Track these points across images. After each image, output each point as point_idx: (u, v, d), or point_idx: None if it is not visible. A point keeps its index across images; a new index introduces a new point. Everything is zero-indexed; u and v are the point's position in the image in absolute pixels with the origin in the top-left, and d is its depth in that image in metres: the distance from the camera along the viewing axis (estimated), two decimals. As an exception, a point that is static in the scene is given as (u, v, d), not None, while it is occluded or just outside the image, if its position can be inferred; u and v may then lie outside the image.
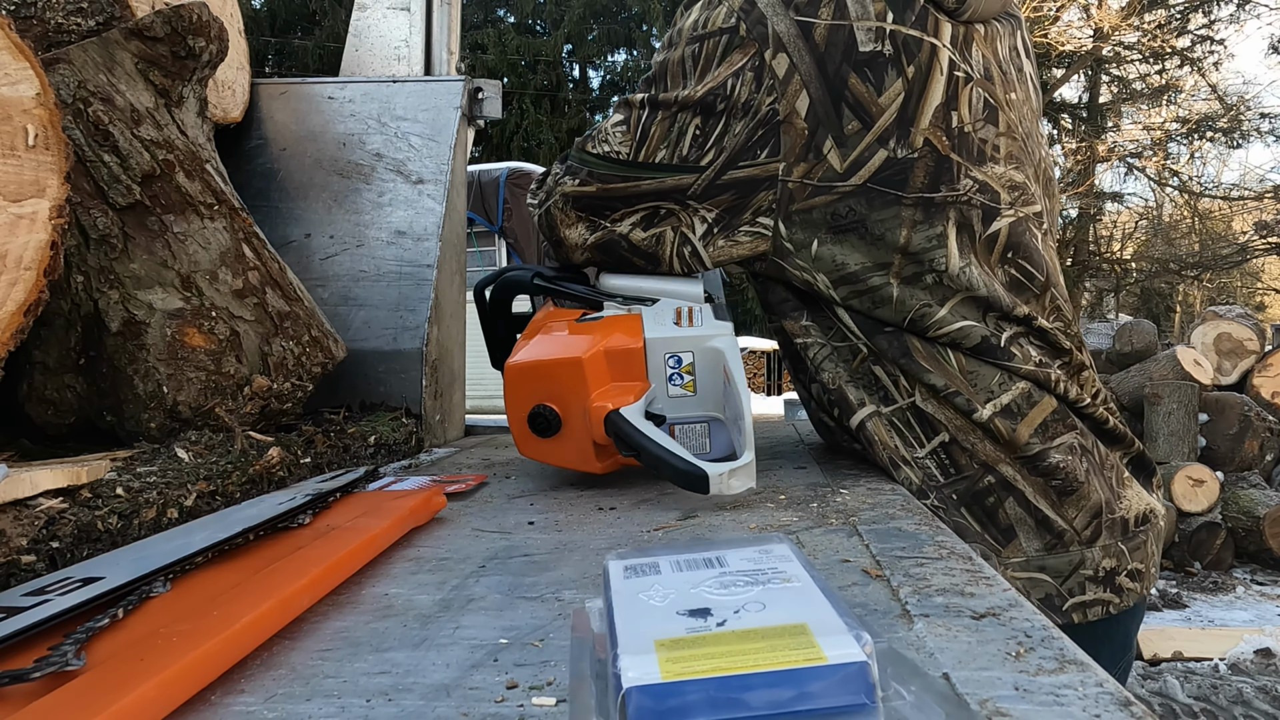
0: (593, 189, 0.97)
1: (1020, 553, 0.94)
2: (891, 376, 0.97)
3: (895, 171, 0.91)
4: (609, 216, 0.98)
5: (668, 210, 0.96)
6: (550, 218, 1.01)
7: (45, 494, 0.67)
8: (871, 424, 0.99)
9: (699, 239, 0.96)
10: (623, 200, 0.97)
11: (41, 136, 0.78)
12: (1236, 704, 2.62)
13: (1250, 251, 12.48)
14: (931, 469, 0.96)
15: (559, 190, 1.00)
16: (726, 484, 0.77)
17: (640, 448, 0.81)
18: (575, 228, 1.00)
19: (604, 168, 0.97)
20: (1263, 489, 4.18)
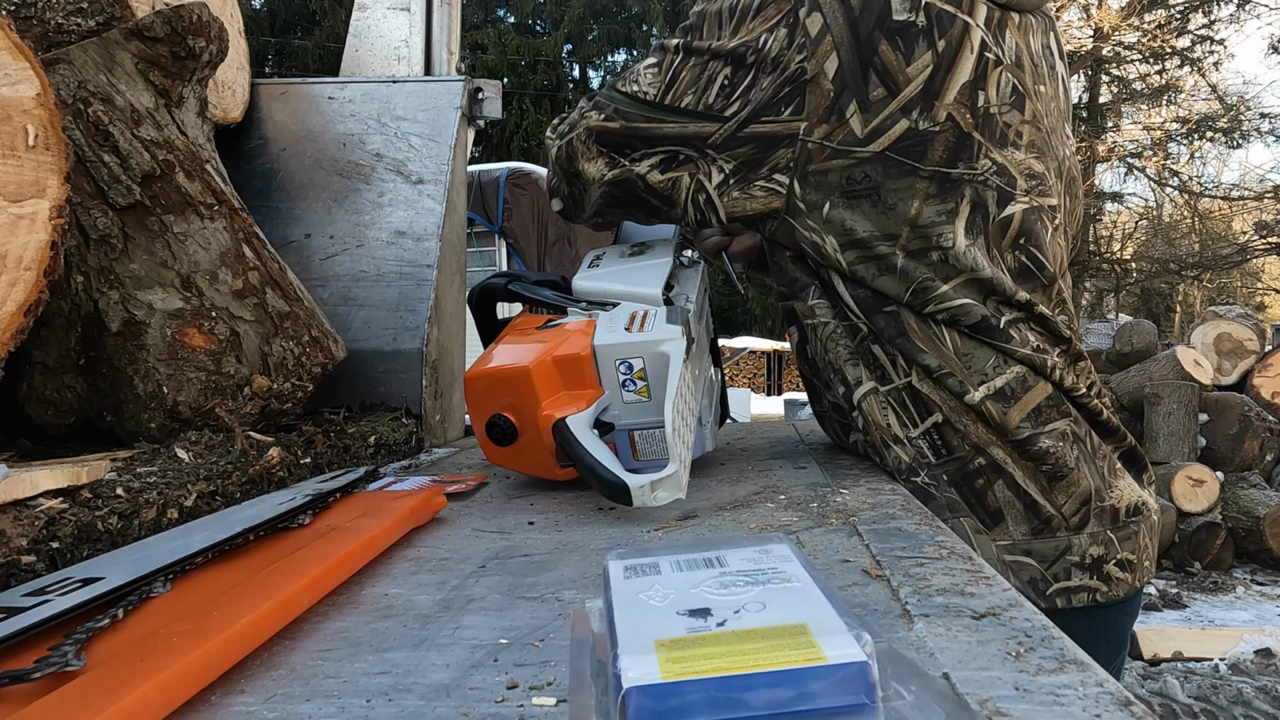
0: (616, 125, 1.01)
1: (1007, 535, 0.95)
2: (890, 356, 0.98)
3: (915, 142, 0.92)
4: (629, 155, 1.01)
5: (686, 156, 0.99)
6: (571, 149, 1.04)
7: (45, 494, 0.67)
8: (867, 402, 1.00)
9: (714, 188, 0.99)
10: (644, 140, 1.00)
11: (41, 137, 0.78)
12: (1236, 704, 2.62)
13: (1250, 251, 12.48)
14: (924, 449, 0.97)
15: (583, 123, 1.03)
16: (651, 495, 0.76)
17: (574, 458, 0.81)
18: (595, 162, 1.03)
19: (630, 106, 1.00)
20: (1263, 489, 4.18)
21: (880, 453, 1.00)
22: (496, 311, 1.09)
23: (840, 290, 0.99)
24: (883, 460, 1.00)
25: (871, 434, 1.00)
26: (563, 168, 1.07)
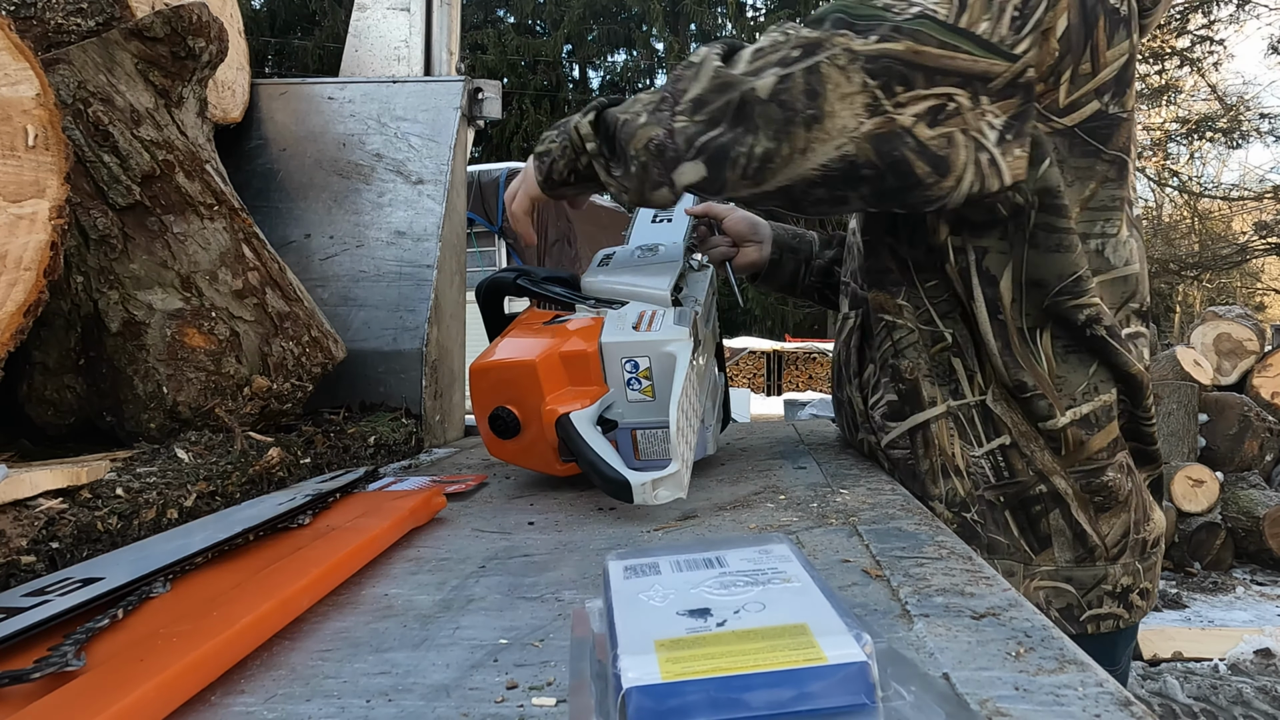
0: (900, 47, 0.76)
1: (1051, 561, 0.94)
2: (969, 371, 0.95)
3: (1101, 125, 0.89)
4: (896, 95, 0.77)
5: (956, 106, 0.79)
6: (818, 80, 0.76)
7: (45, 494, 0.67)
8: (936, 425, 0.96)
9: (995, 146, 0.82)
10: (927, 73, 0.77)
11: (41, 137, 0.78)
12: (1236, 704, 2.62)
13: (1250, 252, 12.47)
14: (985, 469, 0.94)
15: (840, 44, 0.76)
16: (652, 493, 0.76)
17: (576, 453, 0.81)
18: (852, 102, 0.77)
19: (919, 24, 0.78)
20: (1262, 489, 4.18)
21: (924, 480, 0.97)
22: (504, 306, 1.09)
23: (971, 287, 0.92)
24: (923, 490, 0.97)
25: (928, 459, 0.96)
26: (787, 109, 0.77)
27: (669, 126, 0.82)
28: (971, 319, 0.94)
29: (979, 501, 0.95)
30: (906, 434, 0.98)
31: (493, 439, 0.90)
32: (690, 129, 0.81)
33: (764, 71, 0.78)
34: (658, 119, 0.83)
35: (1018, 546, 0.94)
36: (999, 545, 0.95)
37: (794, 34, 0.79)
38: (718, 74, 0.80)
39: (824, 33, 0.77)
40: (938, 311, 0.96)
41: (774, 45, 0.79)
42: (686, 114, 0.81)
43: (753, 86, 0.78)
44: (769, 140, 0.78)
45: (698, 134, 0.80)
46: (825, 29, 0.78)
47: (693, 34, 17.30)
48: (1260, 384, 4.50)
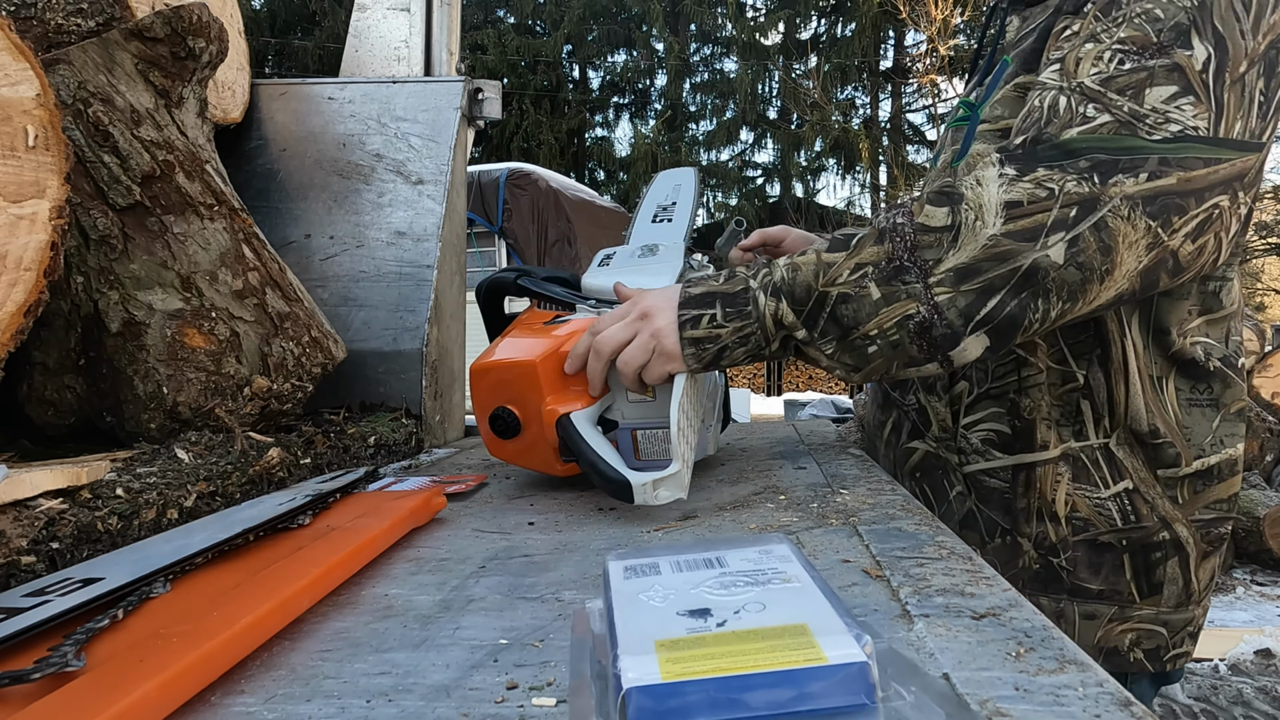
0: (1172, 181, 0.75)
1: (1155, 606, 0.94)
2: (1097, 414, 0.93)
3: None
4: (1173, 225, 0.76)
5: (1216, 210, 0.77)
6: (1109, 236, 0.75)
7: (45, 495, 0.67)
8: (1043, 469, 0.94)
9: (1230, 239, 0.81)
10: (1197, 196, 0.76)
11: (41, 137, 0.78)
12: (1236, 704, 2.62)
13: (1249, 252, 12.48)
14: (1111, 512, 0.93)
15: (1116, 191, 0.74)
16: (653, 494, 0.76)
17: (577, 453, 0.81)
18: (1136, 246, 0.76)
19: (1183, 150, 0.75)
20: (1263, 489, 4.18)
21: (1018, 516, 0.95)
22: (504, 306, 1.09)
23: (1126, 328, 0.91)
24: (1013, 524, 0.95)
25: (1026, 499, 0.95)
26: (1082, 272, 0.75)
27: (930, 303, 0.77)
28: (1112, 363, 0.92)
29: (1077, 547, 0.93)
30: (1010, 469, 0.96)
31: (493, 439, 0.90)
32: (961, 302, 0.76)
33: (1044, 235, 0.75)
34: (907, 293, 0.77)
35: (1120, 590, 0.93)
36: (1086, 591, 0.94)
37: (1056, 188, 0.75)
38: (993, 241, 0.75)
39: (1094, 186, 0.74)
40: (1073, 352, 0.92)
41: (1035, 202, 0.75)
42: (950, 286, 0.76)
43: (1045, 255, 0.74)
44: (1063, 302, 0.77)
45: (973, 308, 0.77)
46: (1088, 174, 0.75)
47: (693, 34, 17.30)
48: (1260, 384, 4.50)
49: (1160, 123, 0.75)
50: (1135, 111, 0.76)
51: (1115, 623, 0.94)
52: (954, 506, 1.03)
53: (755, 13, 17.07)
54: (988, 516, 0.99)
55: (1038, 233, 0.74)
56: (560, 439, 0.84)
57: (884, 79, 16.31)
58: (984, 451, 0.98)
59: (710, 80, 17.52)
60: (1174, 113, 0.75)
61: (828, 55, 15.90)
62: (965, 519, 1.01)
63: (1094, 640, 0.95)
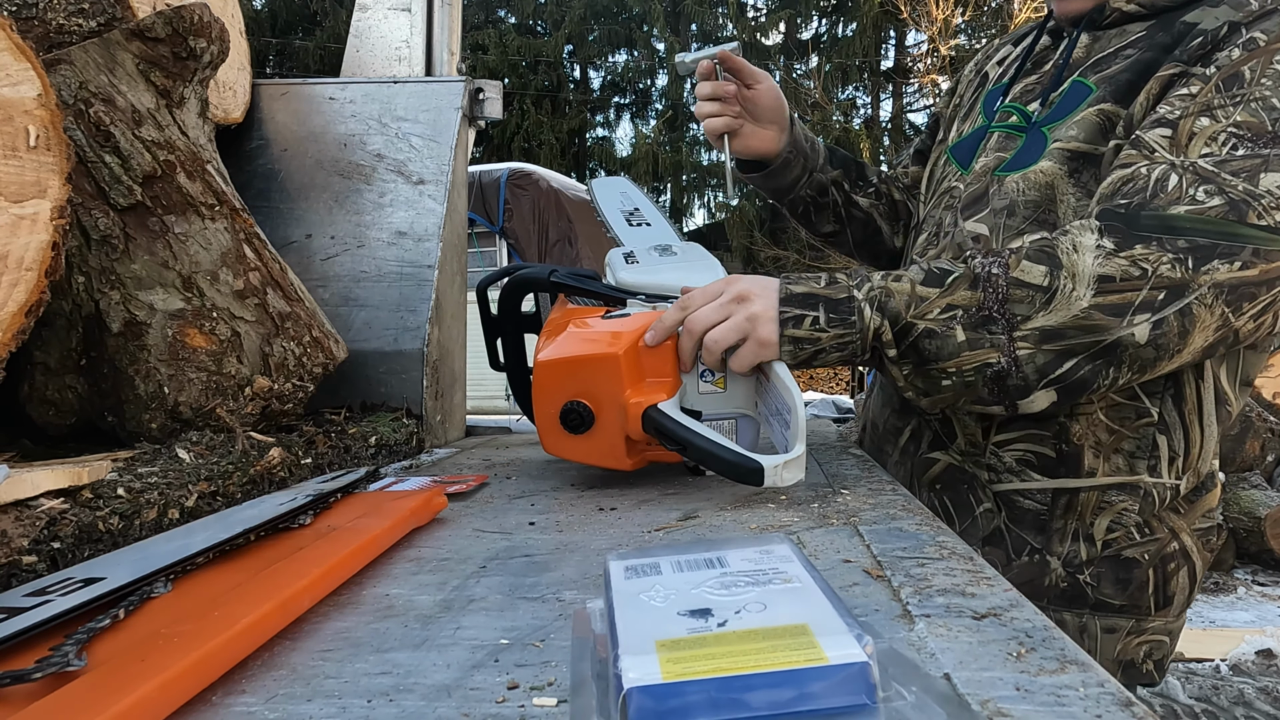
0: (1255, 273, 0.78)
1: (1165, 616, 0.96)
2: (1173, 454, 0.93)
3: None
4: (1242, 310, 0.80)
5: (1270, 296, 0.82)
6: (1190, 323, 0.79)
7: (46, 494, 0.67)
8: (1085, 495, 0.94)
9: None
10: (1269, 283, 0.80)
11: (43, 137, 0.78)
12: (1238, 705, 2.62)
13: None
14: (1130, 527, 0.95)
15: (1206, 279, 0.77)
16: (780, 476, 0.78)
17: (687, 442, 0.81)
18: (1208, 329, 0.80)
19: (1273, 242, 0.78)
20: (1264, 490, 4.18)
21: (1051, 536, 0.96)
22: (522, 304, 1.09)
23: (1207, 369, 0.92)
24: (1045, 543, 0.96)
25: (1063, 520, 0.96)
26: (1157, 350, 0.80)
27: (1011, 356, 0.81)
28: (1185, 403, 0.92)
29: (1098, 563, 0.95)
30: (1050, 492, 0.96)
31: (558, 435, 0.89)
32: (1040, 359, 0.81)
33: (1131, 314, 0.78)
34: (991, 342, 0.81)
35: (1138, 604, 0.95)
36: (1108, 605, 0.95)
37: (1150, 269, 0.78)
38: (1085, 313, 0.79)
39: (1186, 272, 0.77)
40: (1145, 388, 0.91)
41: (1128, 280, 0.78)
42: (1033, 343, 0.80)
43: (1130, 334, 0.78)
44: (1132, 373, 0.81)
45: (1050, 367, 0.81)
46: (1183, 257, 0.77)
47: (694, 34, 17.29)
48: (1261, 384, 4.50)
49: (1273, 206, 0.77)
50: (1250, 192, 0.77)
51: (1132, 636, 0.95)
52: (980, 522, 1.01)
53: (756, 13, 17.07)
54: (1017, 535, 0.98)
55: (1125, 310, 0.78)
56: (655, 431, 0.83)
57: (885, 79, 16.30)
58: (1019, 472, 0.98)
59: (711, 80, 17.46)
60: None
61: (829, 55, 15.90)
62: (991, 536, 1.00)
63: (1114, 654, 0.96)
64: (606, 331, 0.90)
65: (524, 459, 1.15)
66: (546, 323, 0.98)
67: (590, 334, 0.90)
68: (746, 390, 0.91)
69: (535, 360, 0.90)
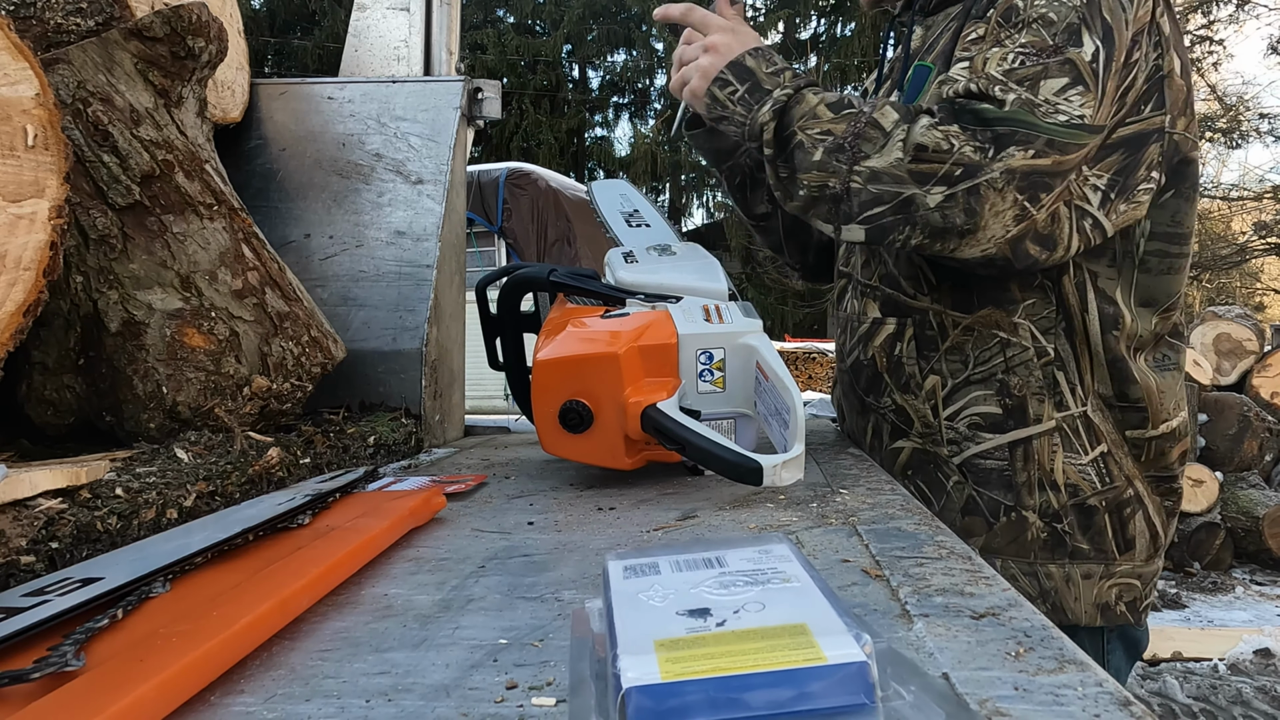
0: (1047, 162, 0.85)
1: (1131, 560, 1.02)
2: (1071, 384, 1.00)
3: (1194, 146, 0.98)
4: (1040, 201, 0.87)
5: (1066, 182, 0.89)
6: (976, 200, 0.85)
7: (44, 494, 0.67)
8: (1039, 441, 1.01)
9: (1097, 208, 0.92)
10: (1063, 176, 0.87)
11: (41, 137, 0.78)
12: (1236, 704, 2.62)
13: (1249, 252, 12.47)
14: (1091, 476, 1.00)
15: (1000, 165, 0.84)
16: (779, 475, 0.78)
17: (686, 441, 0.81)
18: (1003, 216, 0.86)
19: (1067, 135, 0.85)
20: (1262, 489, 4.18)
21: (1020, 491, 1.01)
22: (521, 303, 1.09)
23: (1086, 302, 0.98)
24: (1016, 499, 1.01)
25: (1026, 472, 1.01)
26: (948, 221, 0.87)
27: (845, 185, 0.90)
28: (1076, 334, 1.00)
29: (1072, 511, 1.00)
30: (1006, 447, 1.02)
31: (557, 434, 0.89)
32: (864, 196, 0.90)
33: (931, 182, 0.87)
34: (834, 168, 0.91)
35: (1102, 550, 1.01)
36: (1083, 552, 1.01)
37: (957, 145, 0.86)
38: (898, 164, 0.88)
39: (985, 157, 0.85)
40: (1039, 328, 1.00)
41: (938, 152, 0.86)
42: (862, 180, 0.89)
43: (923, 195, 0.87)
44: (923, 237, 0.90)
45: (868, 204, 0.90)
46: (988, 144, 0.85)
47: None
48: (1260, 384, 4.50)
49: (1050, 112, 0.86)
50: (1030, 101, 0.86)
51: (1104, 580, 1.01)
52: (953, 497, 1.07)
53: (755, 13, 17.06)
54: (989, 498, 1.03)
55: (929, 178, 0.87)
56: (654, 431, 0.83)
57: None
58: (973, 436, 1.04)
59: (710, 80, 17.47)
60: (1063, 104, 0.86)
61: (827, 55, 15.90)
62: (967, 506, 1.05)
63: (1093, 598, 1.01)
64: (606, 331, 0.90)
65: (523, 459, 1.15)
66: (546, 322, 0.98)
67: (589, 333, 0.90)
68: (745, 390, 0.91)
69: (534, 359, 0.90)
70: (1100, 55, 0.86)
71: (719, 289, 0.97)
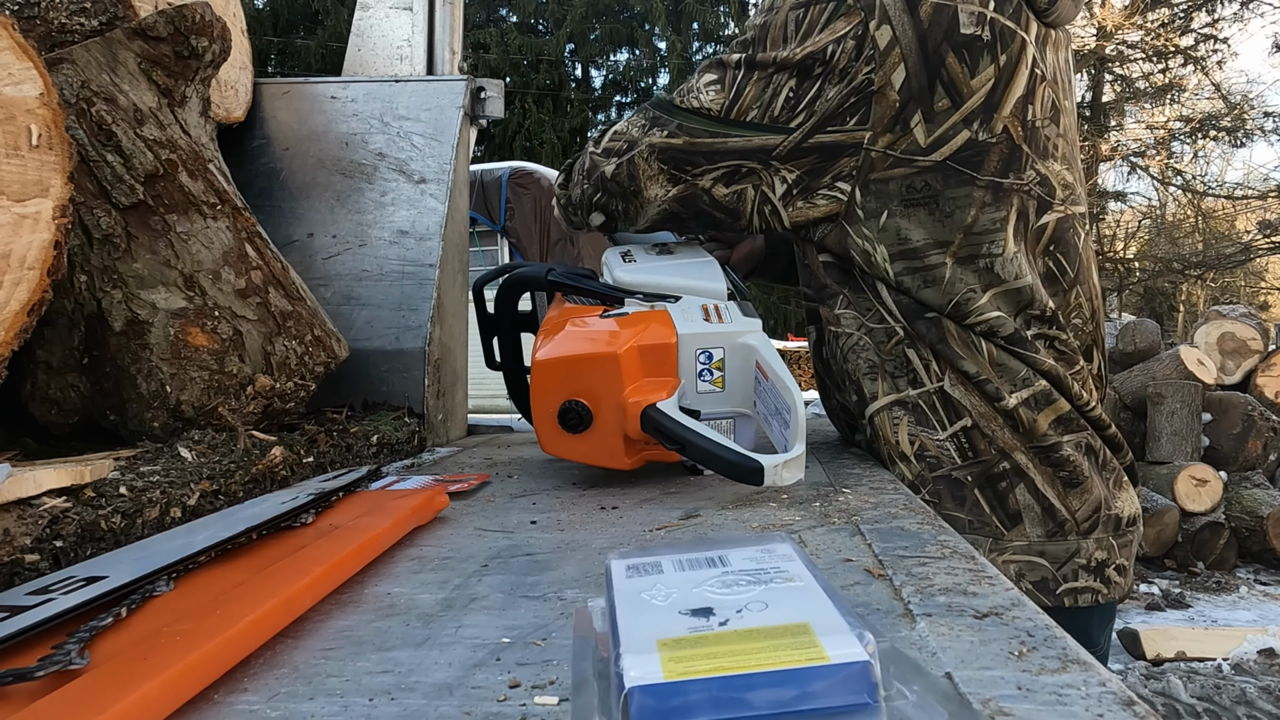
0: (679, 142, 1.00)
1: (1024, 537, 0.99)
2: (924, 360, 1.01)
3: (974, 153, 0.96)
4: (690, 171, 1.01)
5: (749, 169, 0.99)
6: (632, 168, 1.03)
7: (49, 493, 0.67)
8: (879, 418, 1.04)
9: (779, 199, 1.00)
10: (706, 156, 1.00)
11: (45, 136, 0.78)
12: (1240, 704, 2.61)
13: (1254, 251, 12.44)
14: (950, 451, 1.00)
15: (645, 140, 1.02)
16: (780, 475, 0.78)
17: (687, 442, 0.81)
18: (657, 180, 1.02)
19: (694, 121, 1.00)
20: (1266, 489, 4.17)
21: (885, 465, 1.04)
22: (519, 303, 1.09)
23: (883, 295, 1.01)
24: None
25: (878, 447, 1.04)
26: (621, 186, 1.05)
27: (581, 188, 1.11)
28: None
29: (931, 482, 1.01)
30: (865, 425, 1.07)
31: (556, 434, 0.88)
32: (587, 190, 1.10)
33: (601, 159, 1.07)
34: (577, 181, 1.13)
35: (986, 522, 1.00)
36: (958, 521, 1.00)
37: (627, 130, 1.05)
38: (591, 156, 1.09)
39: (639, 129, 1.03)
40: (886, 310, 1.02)
41: (619, 135, 1.06)
42: (584, 179, 1.10)
43: (604, 170, 1.06)
44: (621, 202, 1.07)
45: (590, 194, 1.09)
46: (639, 123, 1.04)
47: (695, 33, 17.28)
48: (1264, 383, 4.49)
49: (692, 96, 1.01)
50: (693, 86, 1.01)
51: (995, 554, 1.00)
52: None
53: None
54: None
55: (611, 154, 1.06)
56: (654, 431, 0.83)
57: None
58: (853, 421, 1.14)
59: (713, 79, 17.46)
60: (703, 93, 1.00)
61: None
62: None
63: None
64: (604, 330, 0.90)
65: (525, 458, 1.15)
66: (544, 321, 0.98)
67: (588, 333, 0.90)
68: (745, 389, 0.91)
69: (533, 360, 0.90)
70: (744, 63, 0.98)
71: (718, 288, 0.97)
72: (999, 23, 0.94)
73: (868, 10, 0.93)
